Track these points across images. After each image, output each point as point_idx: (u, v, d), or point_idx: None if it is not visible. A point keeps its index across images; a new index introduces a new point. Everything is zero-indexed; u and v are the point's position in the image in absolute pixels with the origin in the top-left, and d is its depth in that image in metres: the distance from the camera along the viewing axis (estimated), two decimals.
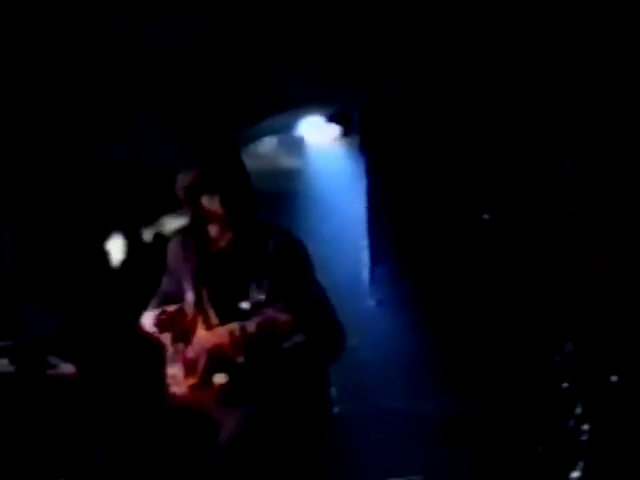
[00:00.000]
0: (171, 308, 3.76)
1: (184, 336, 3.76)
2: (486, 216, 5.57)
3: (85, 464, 3.52)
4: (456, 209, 5.75)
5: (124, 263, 5.36)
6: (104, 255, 5.74)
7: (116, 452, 3.52)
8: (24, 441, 4.70)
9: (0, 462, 4.61)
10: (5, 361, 4.81)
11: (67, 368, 4.92)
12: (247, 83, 5.62)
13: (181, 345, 3.74)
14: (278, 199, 6.29)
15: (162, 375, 3.80)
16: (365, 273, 6.13)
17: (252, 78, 5.55)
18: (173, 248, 3.94)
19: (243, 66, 5.45)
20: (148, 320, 3.80)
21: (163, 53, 5.26)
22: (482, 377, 5.41)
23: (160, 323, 3.73)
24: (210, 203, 3.70)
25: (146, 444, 3.57)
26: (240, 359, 3.56)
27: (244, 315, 3.57)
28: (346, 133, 6.43)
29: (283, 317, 3.44)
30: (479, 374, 5.42)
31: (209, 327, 3.68)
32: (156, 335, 3.79)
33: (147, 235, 4.32)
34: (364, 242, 6.15)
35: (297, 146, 6.59)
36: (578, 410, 4.58)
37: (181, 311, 3.75)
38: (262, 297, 3.58)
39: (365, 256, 6.14)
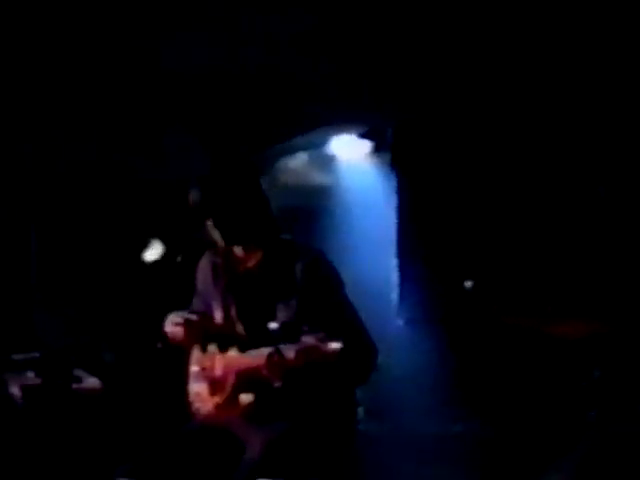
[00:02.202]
0: (193, 316, 3.76)
1: (200, 338, 3.75)
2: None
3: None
4: (488, 229, 5.71)
5: (153, 276, 5.34)
6: (133, 267, 5.73)
7: (140, 469, 3.51)
8: (48, 455, 4.70)
9: (25, 475, 4.60)
10: (31, 374, 4.81)
11: (93, 382, 4.91)
12: (279, 102, 5.63)
13: (208, 362, 3.73)
14: (308, 215, 6.29)
15: (186, 392, 3.79)
16: (394, 292, 6.09)
17: (284, 97, 5.56)
18: (202, 267, 3.94)
19: (275, 86, 5.46)
20: (172, 320, 3.79)
21: (196, 70, 5.29)
22: (510, 401, 5.35)
23: (185, 324, 3.73)
24: (211, 228, 3.69)
25: (171, 462, 3.56)
26: (277, 384, 3.53)
27: (273, 335, 3.54)
28: (378, 150, 6.41)
29: (326, 346, 3.39)
30: (506, 398, 5.37)
31: (238, 346, 3.66)
32: (178, 336, 3.77)
33: (177, 248, 4.31)
34: (394, 261, 6.11)
35: (328, 162, 6.58)
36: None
37: (207, 320, 3.75)
38: (290, 316, 3.56)
39: (394, 275, 6.11)
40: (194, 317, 3.76)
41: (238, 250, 3.74)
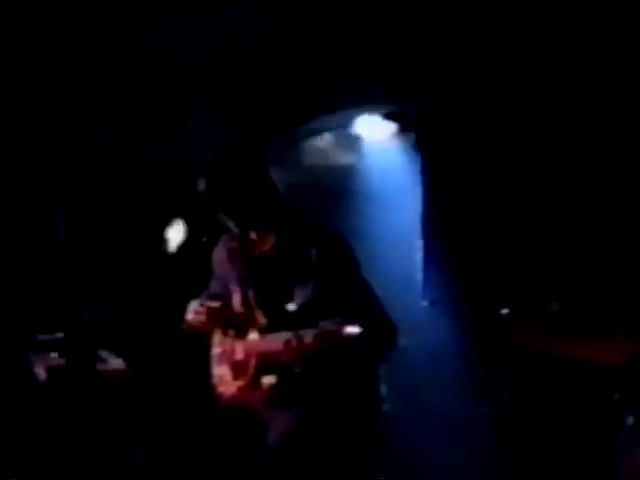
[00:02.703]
0: (214, 303, 3.76)
1: (222, 323, 3.75)
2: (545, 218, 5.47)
3: (131, 463, 3.52)
4: (513, 211, 5.66)
5: (175, 259, 5.35)
6: (157, 250, 5.74)
7: (163, 452, 3.53)
8: (72, 436, 4.72)
9: (48, 456, 4.63)
10: (55, 354, 4.84)
11: (117, 363, 4.93)
12: (305, 82, 5.62)
13: (229, 345, 3.74)
14: (333, 195, 6.28)
15: (209, 375, 3.80)
16: (419, 273, 6.06)
17: (310, 77, 5.55)
18: (218, 252, 3.95)
19: (302, 66, 5.45)
20: (194, 308, 3.80)
21: (222, 51, 5.29)
22: (538, 382, 5.31)
23: (207, 312, 3.73)
24: (224, 217, 3.69)
25: (193, 445, 3.57)
26: (296, 369, 3.53)
27: (292, 317, 3.54)
28: (403, 130, 6.37)
29: (346, 331, 3.38)
30: (534, 378, 5.33)
31: (258, 329, 3.66)
32: (199, 324, 3.78)
33: (200, 231, 4.30)
34: (418, 242, 6.09)
35: (353, 143, 6.55)
36: None
37: (227, 306, 3.75)
38: (308, 298, 3.55)
39: (419, 256, 6.08)
40: (215, 304, 3.77)
41: (253, 234, 3.73)
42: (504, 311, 4.90)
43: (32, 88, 5.53)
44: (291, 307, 3.55)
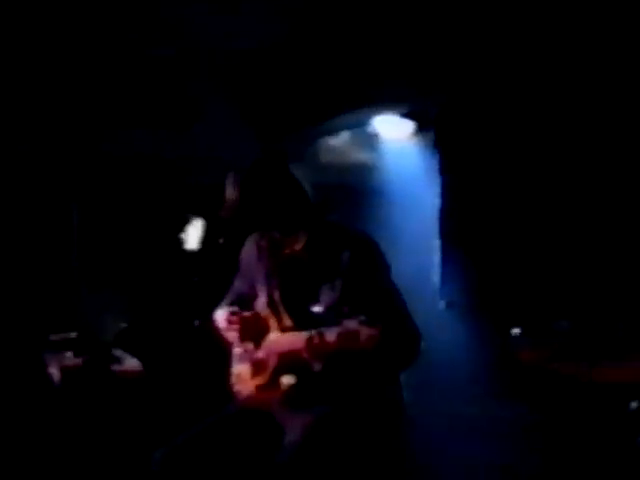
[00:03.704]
0: (247, 313, 3.74)
1: (254, 336, 3.74)
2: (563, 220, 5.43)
3: (147, 463, 3.51)
4: (531, 212, 5.62)
5: (192, 258, 5.33)
6: (173, 248, 5.73)
7: (179, 452, 3.52)
8: (86, 436, 4.72)
9: (63, 456, 4.62)
10: (70, 354, 4.83)
11: (132, 364, 4.92)
12: (325, 80, 5.61)
13: (250, 345, 3.72)
14: (350, 193, 6.26)
15: (227, 374, 3.78)
16: (436, 274, 6.03)
17: (330, 76, 5.54)
18: (247, 249, 3.93)
19: (322, 64, 5.44)
20: (221, 317, 3.79)
21: (241, 50, 5.29)
22: (555, 385, 5.27)
23: (234, 322, 3.72)
24: (253, 220, 3.68)
25: (209, 445, 3.55)
26: (317, 367, 3.51)
27: (317, 318, 3.52)
28: (421, 129, 6.34)
29: (368, 331, 3.36)
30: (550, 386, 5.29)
31: (282, 329, 3.65)
32: (226, 333, 3.78)
33: (218, 230, 4.29)
34: (436, 242, 6.05)
35: (371, 141, 6.53)
36: None
37: (256, 316, 3.74)
38: (334, 299, 3.52)
39: (436, 256, 6.05)
40: (247, 314, 3.76)
41: (284, 234, 3.72)
42: (515, 331, 4.87)
43: (48, 83, 5.53)
44: (317, 309, 3.53)
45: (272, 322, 3.69)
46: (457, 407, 5.51)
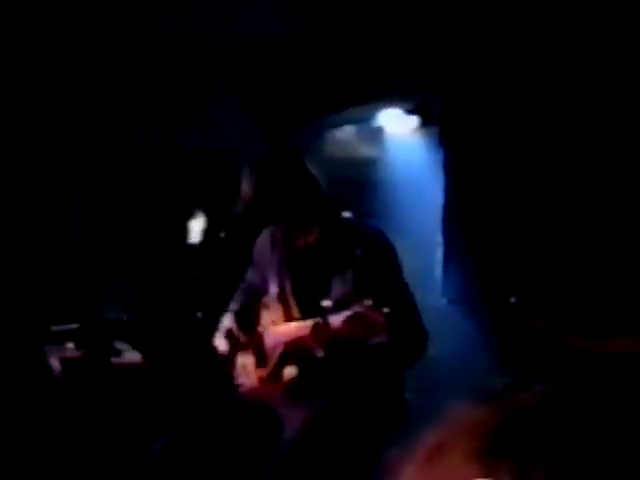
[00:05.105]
0: (244, 338, 3.74)
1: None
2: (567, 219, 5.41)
3: (146, 455, 3.51)
4: (535, 205, 5.60)
5: (198, 249, 5.33)
6: (176, 240, 5.73)
7: (178, 445, 3.51)
8: (86, 429, 4.71)
9: (63, 448, 4.62)
10: (71, 345, 4.82)
11: (133, 356, 4.92)
12: (330, 74, 5.60)
13: (256, 335, 3.72)
14: (354, 187, 6.24)
15: (230, 365, 3.77)
16: (438, 269, 6.02)
17: (336, 69, 5.54)
18: (261, 240, 3.93)
19: (328, 58, 5.44)
20: (221, 344, 3.78)
21: (249, 40, 5.28)
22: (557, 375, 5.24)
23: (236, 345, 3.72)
24: (269, 215, 3.67)
25: (209, 438, 3.55)
26: (320, 353, 3.49)
27: (326, 312, 3.50)
28: (425, 124, 6.33)
29: (374, 316, 3.34)
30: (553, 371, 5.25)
31: (289, 321, 3.65)
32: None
33: (220, 224, 4.29)
34: (439, 237, 6.04)
35: (376, 135, 6.52)
36: None
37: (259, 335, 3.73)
38: (345, 293, 3.52)
39: (439, 252, 6.03)
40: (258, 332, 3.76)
41: (299, 227, 3.72)
42: (512, 299, 4.86)
43: (52, 73, 5.53)
44: (326, 303, 3.52)
45: (281, 313, 3.68)
46: (458, 403, 5.49)
